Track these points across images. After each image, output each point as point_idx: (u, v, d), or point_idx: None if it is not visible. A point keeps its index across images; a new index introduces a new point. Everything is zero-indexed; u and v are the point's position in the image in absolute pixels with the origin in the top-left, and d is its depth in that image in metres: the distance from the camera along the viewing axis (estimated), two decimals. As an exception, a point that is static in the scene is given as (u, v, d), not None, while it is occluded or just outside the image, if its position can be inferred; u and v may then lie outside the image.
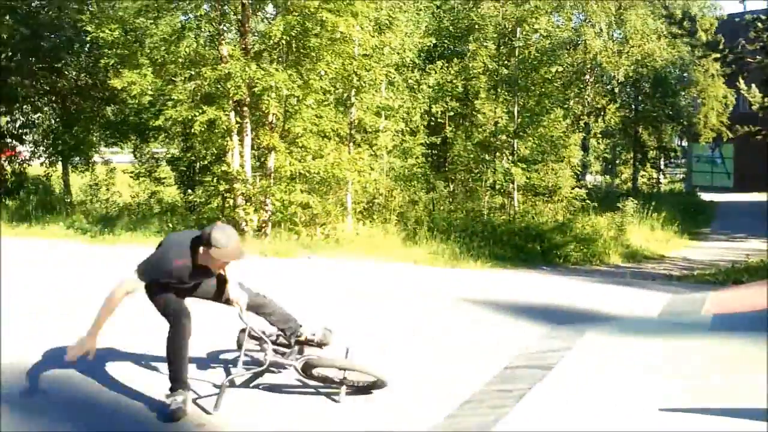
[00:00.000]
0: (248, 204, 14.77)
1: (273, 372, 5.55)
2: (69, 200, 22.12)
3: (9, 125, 26.89)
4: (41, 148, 25.99)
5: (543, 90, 20.89)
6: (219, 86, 14.44)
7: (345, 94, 16.75)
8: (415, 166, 19.07)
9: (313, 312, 8.36)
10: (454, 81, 20.49)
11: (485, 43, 20.80)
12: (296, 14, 13.99)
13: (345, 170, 14.81)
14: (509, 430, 4.66)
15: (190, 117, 14.43)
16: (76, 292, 9.18)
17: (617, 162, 37.25)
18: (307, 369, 5.34)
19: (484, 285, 10.58)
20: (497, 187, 20.36)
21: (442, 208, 18.59)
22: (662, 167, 40.00)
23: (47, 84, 23.51)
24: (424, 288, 10.31)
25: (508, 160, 20.62)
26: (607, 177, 35.95)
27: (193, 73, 14.92)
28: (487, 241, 15.27)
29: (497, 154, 20.65)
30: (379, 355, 6.58)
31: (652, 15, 31.57)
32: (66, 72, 23.23)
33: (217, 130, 14.86)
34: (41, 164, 25.78)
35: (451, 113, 21.31)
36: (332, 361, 5.48)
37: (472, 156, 20.59)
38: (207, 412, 5.01)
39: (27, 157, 26.25)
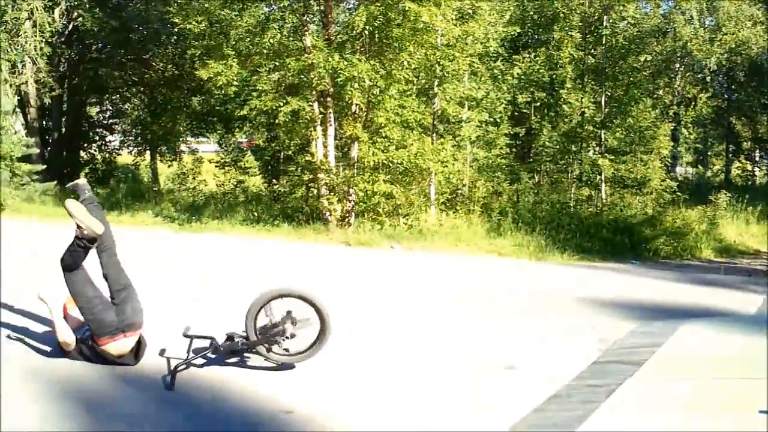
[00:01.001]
0: (332, 194, 14.79)
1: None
2: (157, 189, 22.65)
3: (99, 115, 27.72)
4: (130, 137, 26.76)
5: (631, 79, 20.30)
6: (303, 77, 14.48)
7: (427, 85, 16.61)
8: (498, 157, 18.82)
9: (392, 301, 8.35)
10: (540, 70, 20.16)
11: (570, 32, 20.34)
12: (379, 4, 13.90)
13: (428, 160, 14.68)
14: (598, 426, 4.50)
15: (274, 107, 14.52)
16: (163, 279, 9.34)
17: (709, 153, 36.12)
18: (252, 343, 5.71)
19: (571, 278, 10.39)
20: (584, 178, 19.96)
21: (527, 199, 18.26)
22: (757, 159, 38.61)
23: (136, 75, 24.15)
24: (510, 281, 10.17)
25: (595, 151, 20.18)
26: (699, 168, 34.88)
27: (277, 63, 15.00)
28: (573, 234, 14.94)
29: (584, 145, 20.23)
30: (463, 347, 6.49)
31: (748, 0, 30.45)
32: (154, 63, 23.79)
33: (301, 121, 14.92)
34: (129, 153, 26.50)
35: (537, 103, 20.96)
36: (263, 296, 5.79)
37: (557, 147, 20.21)
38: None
39: (116, 146, 27.04)
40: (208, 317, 6.79)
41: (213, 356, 5.80)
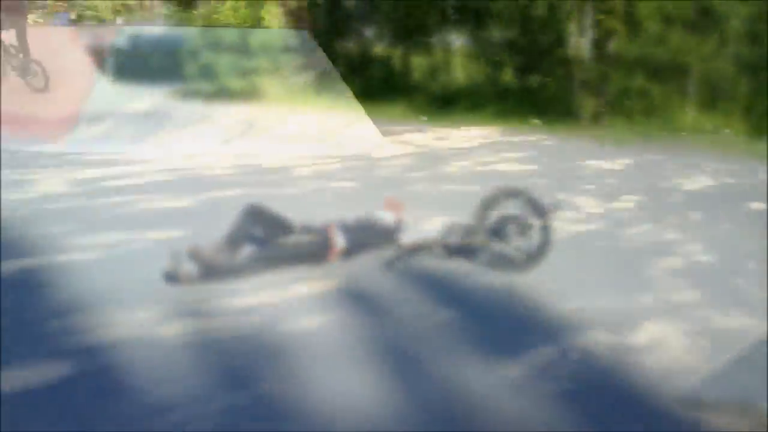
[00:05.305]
0: (586, 90, 14.61)
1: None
2: (409, 81, 23.17)
3: (355, 8, 28.56)
4: (384, 29, 27.43)
5: None
6: (562, -32, 14.23)
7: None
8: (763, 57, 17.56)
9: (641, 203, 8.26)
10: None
11: None
12: None
13: (689, 57, 14.06)
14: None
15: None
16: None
17: None
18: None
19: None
20: None
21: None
22: None
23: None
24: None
25: None
26: None
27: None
28: None
29: None
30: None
31: None
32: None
33: (557, 15, 14.69)
34: (383, 45, 27.23)
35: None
36: (491, 195, 5.81)
37: None
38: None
39: (371, 38, 27.85)
40: (448, 211, 6.90)
41: (440, 252, 5.85)
